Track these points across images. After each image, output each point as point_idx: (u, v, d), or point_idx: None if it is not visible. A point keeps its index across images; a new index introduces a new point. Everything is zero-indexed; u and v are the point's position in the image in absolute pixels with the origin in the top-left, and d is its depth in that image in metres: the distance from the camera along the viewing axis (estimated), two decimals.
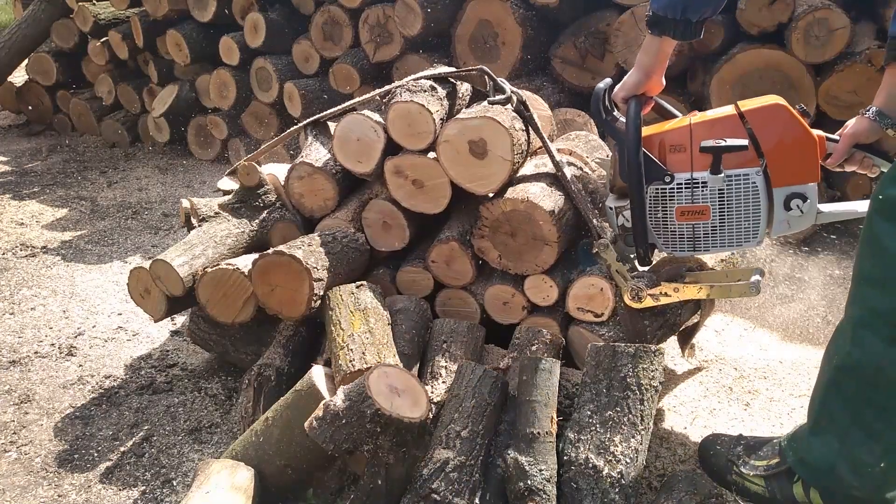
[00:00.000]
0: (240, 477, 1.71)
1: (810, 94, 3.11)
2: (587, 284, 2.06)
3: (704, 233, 1.83)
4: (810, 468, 1.67)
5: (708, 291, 1.88)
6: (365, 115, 2.17)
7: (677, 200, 1.81)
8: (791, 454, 1.71)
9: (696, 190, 1.79)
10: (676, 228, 1.84)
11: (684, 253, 1.87)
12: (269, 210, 2.38)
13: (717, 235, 1.82)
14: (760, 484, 1.77)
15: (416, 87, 2.13)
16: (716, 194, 1.78)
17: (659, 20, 1.73)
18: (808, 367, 2.42)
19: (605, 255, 1.96)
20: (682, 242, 1.85)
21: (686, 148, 1.78)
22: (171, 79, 4.83)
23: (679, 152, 1.79)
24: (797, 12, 3.07)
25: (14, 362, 2.50)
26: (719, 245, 1.83)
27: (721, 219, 1.79)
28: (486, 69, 2.24)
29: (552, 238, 2.03)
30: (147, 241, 3.55)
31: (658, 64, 1.84)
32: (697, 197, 1.79)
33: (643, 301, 1.92)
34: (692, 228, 1.82)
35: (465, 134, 2.04)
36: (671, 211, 1.82)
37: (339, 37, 4.09)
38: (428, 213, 2.19)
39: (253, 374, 2.04)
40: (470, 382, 1.73)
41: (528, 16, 3.65)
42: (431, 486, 1.55)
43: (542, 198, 2.04)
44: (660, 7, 1.72)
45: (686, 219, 1.81)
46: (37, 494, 1.91)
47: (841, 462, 1.59)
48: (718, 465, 1.86)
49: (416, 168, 2.13)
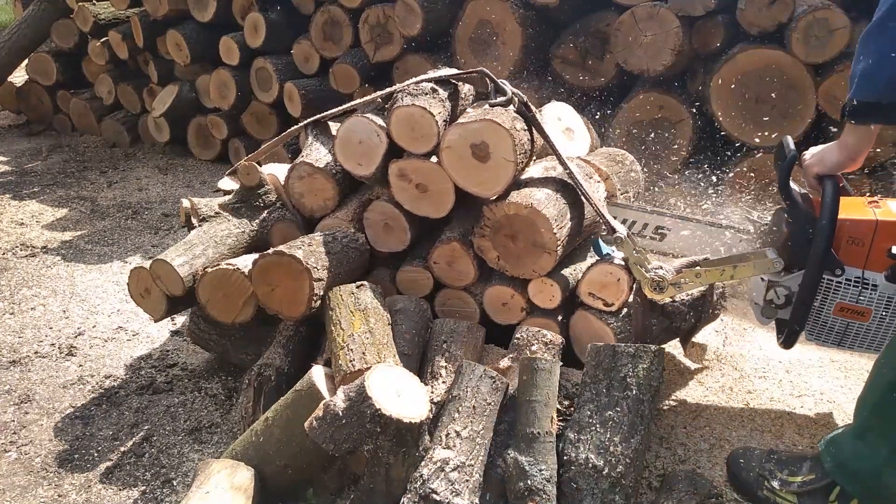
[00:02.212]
0: (240, 477, 1.71)
1: (810, 94, 3.11)
2: (605, 272, 2.05)
3: (857, 332, 1.77)
4: (852, 474, 1.62)
5: (732, 272, 1.84)
6: (368, 118, 2.17)
7: (841, 296, 1.74)
8: (829, 459, 1.67)
9: (865, 290, 1.71)
10: (830, 321, 1.78)
11: (826, 345, 1.82)
12: (269, 210, 2.38)
13: (869, 338, 1.76)
14: (793, 501, 1.73)
15: (417, 90, 2.12)
16: (883, 300, 1.71)
17: (868, 108, 1.56)
18: (809, 366, 2.43)
19: (622, 247, 1.93)
20: (831, 335, 1.80)
21: (865, 244, 1.70)
22: (171, 79, 4.83)
23: (856, 246, 1.71)
24: (797, 12, 3.07)
25: (14, 362, 2.50)
26: (866, 347, 1.78)
27: (879, 324, 1.73)
28: (486, 71, 2.23)
29: (552, 246, 2.03)
30: (147, 241, 3.55)
31: (867, 148, 1.68)
32: (864, 298, 1.72)
33: (665, 291, 1.88)
34: (846, 325, 1.77)
35: (467, 138, 2.03)
36: (831, 304, 1.75)
37: (339, 37, 4.08)
38: (431, 217, 2.18)
39: (253, 374, 2.04)
40: (470, 382, 1.73)
41: (528, 16, 3.65)
42: (431, 486, 1.55)
43: (546, 205, 2.03)
44: (872, 93, 1.54)
45: (844, 315, 1.75)
46: (37, 494, 1.91)
47: (887, 469, 1.54)
48: (748, 479, 1.82)
49: (421, 172, 2.13)
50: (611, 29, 3.45)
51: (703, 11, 3.23)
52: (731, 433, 2.09)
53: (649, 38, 3.30)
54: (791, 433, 2.10)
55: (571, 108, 2.64)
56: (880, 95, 1.53)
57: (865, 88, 1.54)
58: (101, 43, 4.90)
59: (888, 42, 1.49)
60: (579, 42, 3.64)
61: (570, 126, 2.57)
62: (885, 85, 1.51)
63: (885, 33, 1.50)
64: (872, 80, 1.52)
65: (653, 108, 3.43)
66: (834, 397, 2.26)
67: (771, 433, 2.09)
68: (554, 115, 2.54)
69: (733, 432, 2.10)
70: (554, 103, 2.61)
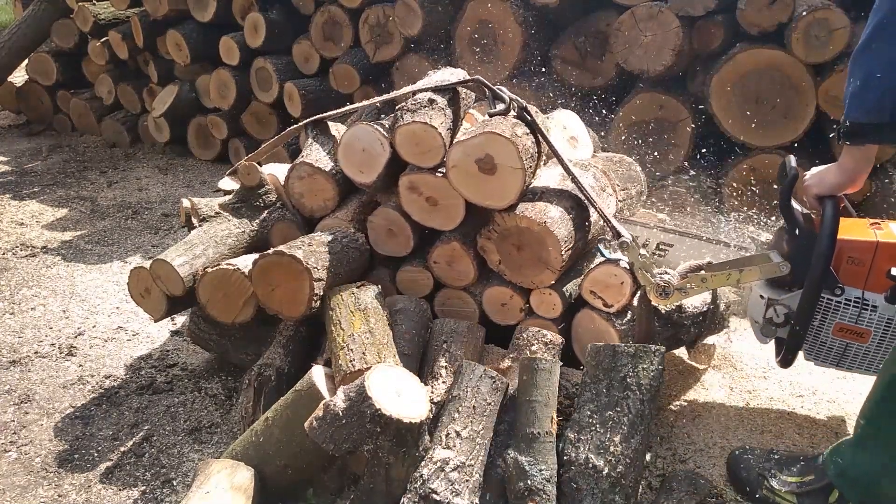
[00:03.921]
0: (240, 477, 1.71)
1: (810, 94, 3.11)
2: (609, 273, 2.05)
3: (856, 353, 1.77)
4: (851, 482, 1.63)
5: (738, 276, 1.84)
6: (374, 126, 2.16)
7: (840, 316, 1.74)
8: (832, 467, 1.68)
9: (864, 311, 1.72)
10: (829, 341, 1.78)
11: (825, 365, 1.83)
12: (269, 210, 2.38)
13: (868, 359, 1.77)
14: (792, 501, 1.74)
15: (415, 104, 2.10)
16: (883, 321, 1.71)
17: (860, 129, 1.57)
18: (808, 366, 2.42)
19: (628, 253, 1.93)
20: (829, 356, 1.80)
21: (865, 264, 1.70)
22: (171, 79, 4.83)
23: (856, 265, 1.71)
24: (797, 12, 3.07)
25: (14, 362, 2.50)
26: (865, 368, 1.78)
27: (878, 345, 1.73)
28: (482, 80, 2.20)
29: (556, 266, 2.03)
30: (147, 241, 3.55)
31: (866, 169, 1.69)
32: (863, 319, 1.72)
33: (671, 297, 1.87)
34: (845, 346, 1.77)
35: (470, 154, 2.02)
36: (830, 324, 1.75)
37: (339, 37, 4.08)
38: (440, 229, 2.18)
39: (253, 374, 2.04)
40: (470, 382, 1.73)
41: (528, 16, 3.65)
42: (431, 486, 1.55)
43: (559, 225, 2.02)
44: (861, 114, 1.55)
45: (843, 336, 1.75)
46: (37, 494, 1.91)
47: (886, 477, 1.55)
48: (748, 479, 1.83)
49: (431, 186, 2.12)
50: (611, 29, 3.45)
51: (703, 11, 3.23)
52: (731, 433, 2.09)
53: (649, 38, 3.30)
54: (791, 433, 2.10)
55: (577, 117, 2.64)
56: (870, 116, 1.54)
57: (855, 110, 1.55)
58: (101, 43, 4.90)
59: (874, 62, 1.50)
60: (579, 42, 3.64)
61: (574, 135, 2.57)
62: (874, 105, 1.52)
63: (870, 53, 1.51)
64: (861, 101, 1.54)
65: (653, 108, 3.43)
66: (834, 397, 2.26)
67: (771, 433, 2.10)
68: (560, 123, 2.54)
69: (733, 432, 2.10)
70: (560, 111, 2.61)
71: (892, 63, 1.48)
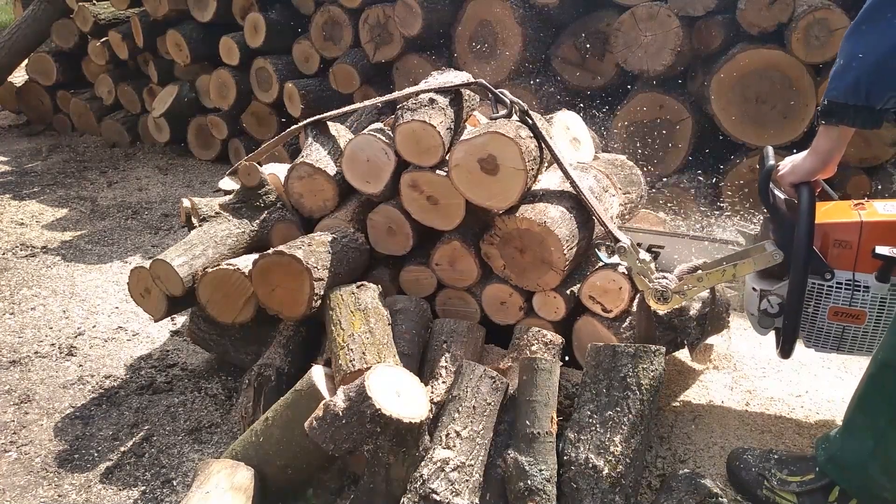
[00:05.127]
0: (240, 477, 1.71)
1: (810, 94, 3.11)
2: (608, 278, 2.04)
3: (853, 336, 1.76)
4: (840, 467, 1.64)
5: (733, 271, 1.83)
6: (376, 136, 2.16)
7: (833, 300, 1.74)
8: (822, 454, 1.68)
9: (857, 293, 1.71)
10: (826, 327, 1.78)
11: (825, 350, 1.83)
12: (269, 210, 2.38)
13: (867, 340, 1.76)
14: (792, 500, 1.73)
15: (415, 104, 2.11)
16: (877, 301, 1.71)
17: (836, 109, 1.57)
18: (808, 365, 2.43)
19: (626, 258, 1.93)
20: (828, 341, 1.80)
21: (852, 246, 1.70)
22: (171, 79, 4.83)
23: (843, 248, 1.71)
24: (797, 12, 3.07)
25: (14, 362, 2.50)
26: (866, 349, 1.78)
27: (875, 325, 1.73)
28: (484, 83, 2.21)
29: (560, 266, 2.03)
30: (147, 241, 3.55)
31: (838, 152, 1.68)
32: (856, 300, 1.72)
33: (670, 301, 1.87)
34: (842, 330, 1.76)
35: (473, 154, 2.02)
36: (824, 309, 1.75)
37: (339, 37, 4.09)
38: (439, 228, 2.18)
39: (253, 374, 2.04)
40: (470, 382, 1.73)
41: (528, 16, 3.65)
42: (431, 486, 1.56)
43: (560, 224, 2.02)
44: (839, 94, 1.55)
45: (839, 319, 1.75)
46: (37, 494, 1.91)
47: (873, 462, 1.56)
48: (748, 478, 1.83)
49: (433, 185, 2.12)
50: (611, 29, 3.45)
51: (703, 11, 3.23)
52: (731, 433, 2.09)
53: (649, 38, 3.30)
54: (791, 433, 2.10)
55: (579, 118, 2.63)
56: (846, 96, 1.54)
57: (835, 88, 1.56)
58: (101, 43, 4.89)
59: (858, 43, 1.52)
60: (579, 42, 3.65)
61: (576, 136, 2.57)
62: (850, 85, 1.53)
63: (858, 34, 1.53)
64: (840, 80, 1.55)
65: (653, 108, 3.43)
66: (834, 396, 2.26)
67: (771, 433, 2.09)
68: (563, 124, 2.53)
69: (733, 432, 2.10)
70: (563, 112, 2.61)
71: (873, 45, 1.49)
